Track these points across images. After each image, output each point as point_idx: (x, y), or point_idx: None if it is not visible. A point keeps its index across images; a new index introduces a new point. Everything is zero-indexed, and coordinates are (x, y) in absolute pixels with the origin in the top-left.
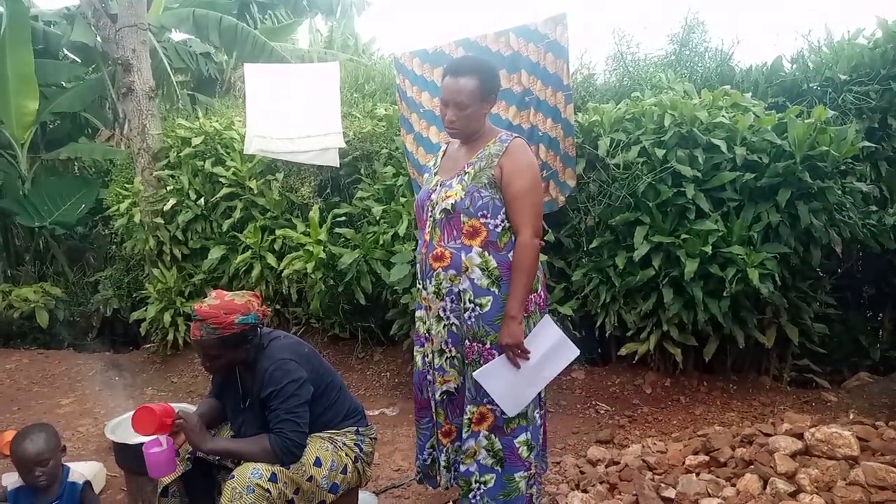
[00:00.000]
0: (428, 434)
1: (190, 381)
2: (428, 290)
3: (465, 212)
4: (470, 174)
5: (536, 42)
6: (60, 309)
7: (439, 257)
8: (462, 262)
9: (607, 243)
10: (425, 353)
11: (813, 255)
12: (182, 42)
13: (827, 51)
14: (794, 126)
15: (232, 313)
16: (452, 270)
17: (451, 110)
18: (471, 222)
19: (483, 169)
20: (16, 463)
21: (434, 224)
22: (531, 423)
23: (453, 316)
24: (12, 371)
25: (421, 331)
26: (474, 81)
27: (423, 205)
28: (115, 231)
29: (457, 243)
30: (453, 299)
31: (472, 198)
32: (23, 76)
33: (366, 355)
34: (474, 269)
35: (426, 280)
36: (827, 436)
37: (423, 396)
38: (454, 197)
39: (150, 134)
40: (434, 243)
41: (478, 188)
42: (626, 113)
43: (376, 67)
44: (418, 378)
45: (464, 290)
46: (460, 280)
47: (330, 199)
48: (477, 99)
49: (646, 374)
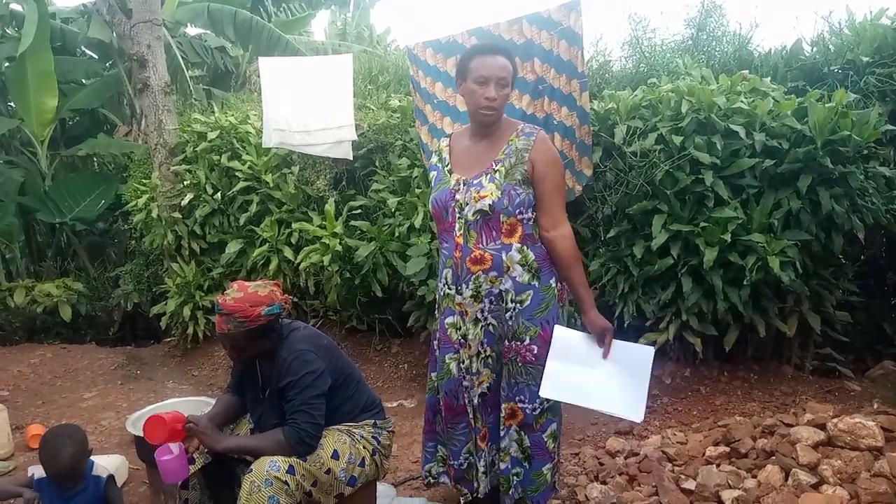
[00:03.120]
0: (464, 440)
1: (210, 374)
2: (464, 295)
3: (505, 211)
4: (501, 171)
5: (549, 29)
6: (82, 304)
7: (478, 260)
8: (503, 262)
9: (625, 232)
10: (461, 359)
11: (835, 241)
12: (197, 37)
13: (848, 32)
14: (814, 110)
15: (257, 305)
16: (494, 272)
17: (493, 87)
18: (509, 220)
19: (515, 165)
20: (45, 469)
21: (467, 226)
22: (557, 413)
23: (491, 317)
24: (36, 365)
25: (454, 338)
26: (509, 62)
27: (445, 206)
28: (134, 226)
29: (496, 244)
30: (493, 300)
31: (509, 196)
32: (42, 74)
33: (383, 347)
34: (515, 267)
35: (462, 284)
36: (850, 426)
37: (459, 403)
38: (490, 197)
39: (167, 129)
40: (471, 246)
41: (513, 185)
42: (643, 100)
43: (390, 58)
44: (453, 385)
45: (505, 290)
46: (502, 280)
47: (345, 191)
48: (511, 80)
49: (665, 364)
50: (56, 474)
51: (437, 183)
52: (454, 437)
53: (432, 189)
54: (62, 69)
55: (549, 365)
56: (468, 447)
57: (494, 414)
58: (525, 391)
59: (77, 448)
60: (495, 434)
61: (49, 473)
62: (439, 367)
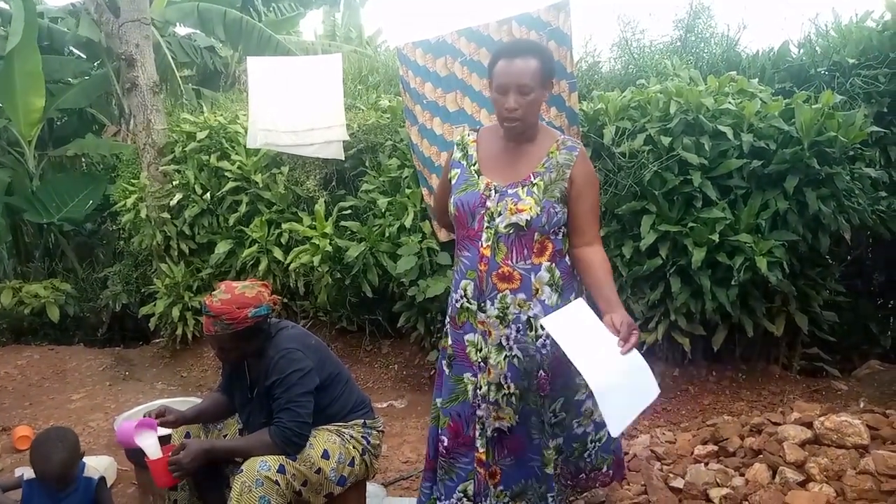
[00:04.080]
0: (464, 476)
1: (199, 375)
2: (488, 313)
3: (541, 229)
4: (540, 186)
5: (539, 30)
6: (70, 305)
7: (507, 277)
8: (532, 284)
9: (614, 233)
10: (478, 384)
11: (822, 242)
12: (186, 36)
13: (835, 34)
14: (801, 112)
15: (244, 307)
16: (522, 295)
17: (512, 96)
18: (541, 239)
19: (555, 181)
20: (36, 473)
21: (496, 238)
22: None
23: (517, 347)
24: (24, 367)
25: (473, 357)
26: (535, 62)
27: (473, 212)
28: (123, 226)
29: (527, 263)
30: (520, 328)
31: (548, 214)
32: (30, 74)
33: (373, 348)
34: (544, 289)
35: (486, 301)
36: (837, 424)
37: (468, 433)
38: (529, 212)
39: (156, 129)
40: (498, 261)
41: (552, 203)
42: (632, 101)
43: (380, 59)
44: (465, 411)
45: (534, 315)
46: (531, 306)
47: (335, 192)
48: (539, 82)
49: (654, 364)
50: (47, 478)
51: (463, 183)
52: (454, 469)
53: (455, 188)
54: (50, 69)
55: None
56: (465, 486)
57: (513, 458)
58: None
59: (68, 452)
60: (513, 477)
61: (39, 476)
62: (452, 386)
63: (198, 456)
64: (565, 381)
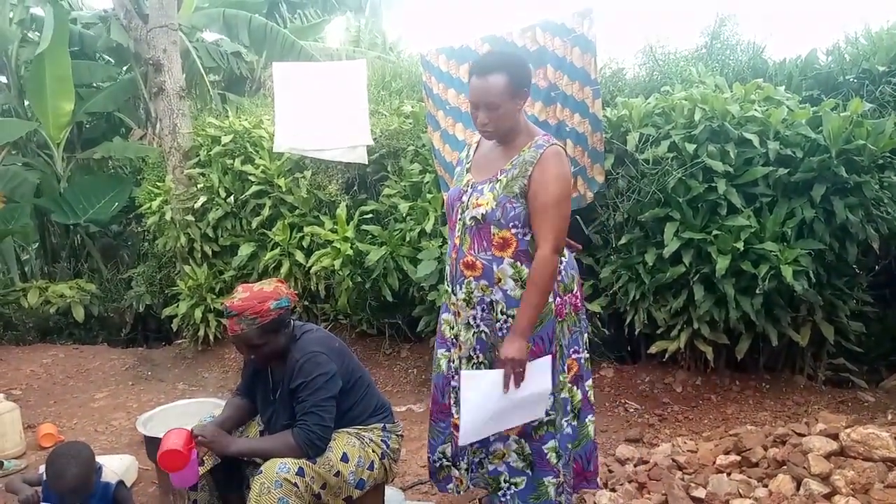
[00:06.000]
0: (442, 438)
1: (220, 376)
2: (458, 296)
3: (496, 223)
4: (502, 182)
5: (563, 36)
6: (95, 305)
7: (470, 265)
8: (494, 273)
9: (636, 240)
10: (451, 357)
11: (849, 251)
12: (214, 42)
13: (864, 42)
14: (829, 119)
15: (265, 300)
16: (484, 281)
17: (482, 112)
18: (501, 233)
19: (516, 178)
20: (51, 487)
21: (464, 229)
22: (559, 430)
23: (483, 324)
24: (49, 365)
25: (447, 334)
26: (503, 78)
27: (452, 204)
28: (148, 228)
29: (487, 254)
30: (484, 308)
31: (503, 209)
32: (60, 78)
33: (393, 352)
34: (507, 280)
35: (456, 285)
36: (863, 436)
37: (444, 401)
38: (485, 206)
39: (181, 133)
40: (464, 250)
41: (509, 198)
42: (656, 107)
43: (403, 65)
44: (441, 381)
45: (496, 300)
46: (492, 291)
47: (357, 196)
48: (508, 96)
49: (676, 373)
50: (60, 492)
51: (455, 180)
52: (434, 431)
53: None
54: (79, 73)
55: (465, 414)
56: (444, 448)
57: None
58: None
59: (82, 468)
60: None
61: (55, 491)
62: (434, 360)
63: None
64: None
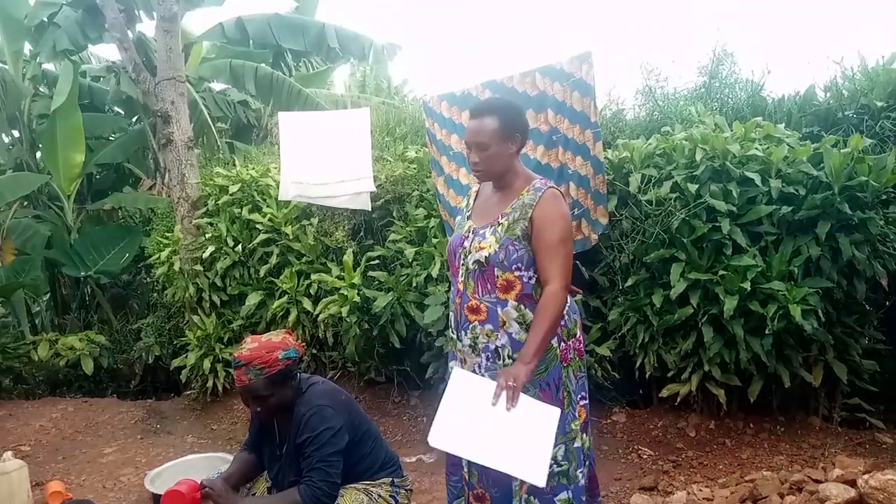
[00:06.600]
0: (455, 493)
1: (229, 427)
2: (463, 343)
3: (500, 265)
4: (504, 225)
5: (562, 81)
6: (105, 357)
7: (475, 310)
8: (499, 316)
9: (643, 281)
10: None
11: (857, 288)
12: (221, 91)
13: (861, 77)
14: (830, 156)
15: (273, 351)
16: (489, 325)
17: (473, 152)
18: (505, 276)
19: (517, 220)
20: None
21: (467, 274)
22: (573, 482)
23: (488, 375)
24: (58, 419)
25: None
26: (494, 121)
27: (455, 250)
28: (157, 279)
29: (492, 297)
30: (489, 356)
31: (506, 251)
32: (71, 131)
33: (402, 399)
34: (512, 324)
35: (461, 331)
36: (882, 483)
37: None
38: (488, 249)
39: (189, 183)
40: (468, 294)
41: (511, 241)
42: (657, 148)
43: (407, 110)
44: None
45: (502, 345)
46: (498, 336)
47: (364, 241)
48: (498, 138)
49: (689, 417)
50: None
51: (457, 227)
52: (449, 486)
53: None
54: (90, 125)
55: (442, 410)
56: (459, 502)
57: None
58: None
59: None
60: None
61: None
62: None
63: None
64: None
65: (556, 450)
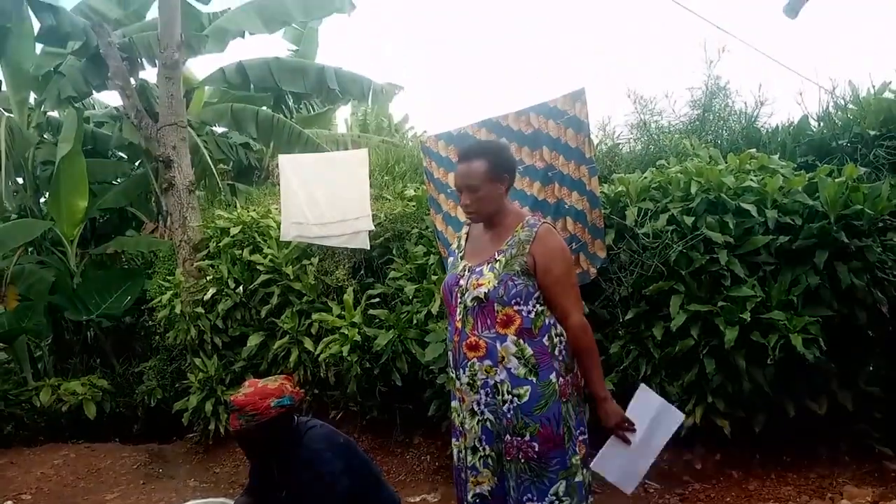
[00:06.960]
0: None
1: (232, 470)
2: (462, 381)
3: (499, 300)
4: (501, 262)
5: (556, 119)
6: (107, 401)
7: (474, 346)
8: (498, 351)
9: (643, 314)
10: (460, 447)
11: (858, 316)
12: (222, 134)
13: (853, 107)
14: (825, 185)
15: (267, 398)
16: (488, 361)
17: (464, 195)
18: (505, 311)
19: (515, 256)
20: None
21: (465, 312)
22: None
23: (488, 411)
24: (59, 466)
25: (456, 423)
26: (482, 163)
27: (451, 290)
28: (159, 322)
29: (491, 332)
30: (489, 392)
31: (505, 286)
32: (74, 177)
33: (405, 438)
34: (511, 359)
35: (460, 370)
36: None
37: (459, 494)
38: (487, 285)
39: (191, 226)
40: (467, 331)
41: (510, 276)
42: (653, 182)
43: (406, 148)
44: (456, 474)
45: (501, 381)
46: (497, 371)
47: (364, 280)
48: (487, 180)
49: (695, 449)
50: None
51: (450, 268)
52: None
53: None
54: (93, 171)
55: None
56: None
57: None
58: (532, 490)
59: None
60: None
61: None
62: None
63: None
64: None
65: (557, 485)
